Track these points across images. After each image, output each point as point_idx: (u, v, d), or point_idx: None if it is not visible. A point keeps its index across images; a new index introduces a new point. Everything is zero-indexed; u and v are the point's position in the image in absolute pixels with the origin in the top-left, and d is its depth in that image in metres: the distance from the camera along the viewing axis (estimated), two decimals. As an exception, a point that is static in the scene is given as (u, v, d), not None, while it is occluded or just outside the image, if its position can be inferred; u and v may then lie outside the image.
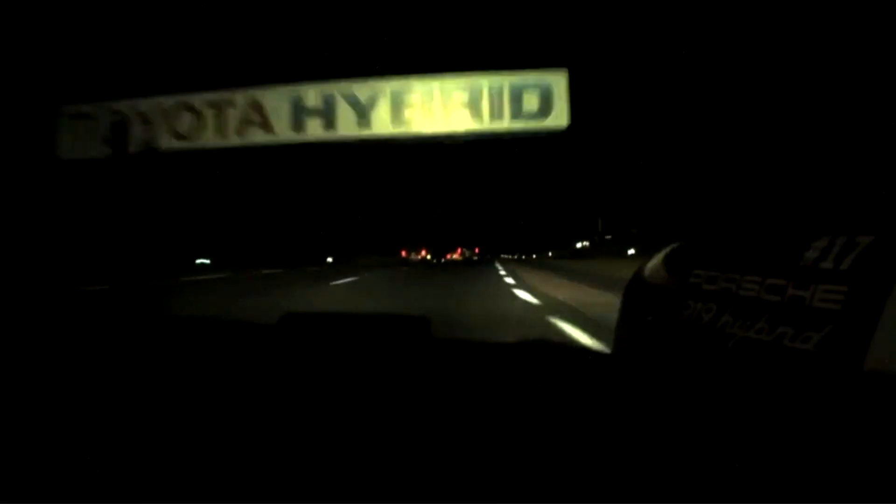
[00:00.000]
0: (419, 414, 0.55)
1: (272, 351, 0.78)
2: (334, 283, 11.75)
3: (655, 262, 1.10)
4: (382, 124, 4.43)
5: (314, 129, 4.49)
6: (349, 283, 11.72)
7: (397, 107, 4.45)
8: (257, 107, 4.56)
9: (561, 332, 3.97)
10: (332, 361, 0.71)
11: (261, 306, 6.46)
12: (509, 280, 11.12)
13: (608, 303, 3.63)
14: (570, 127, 4.23)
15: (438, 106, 4.42)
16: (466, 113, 4.39)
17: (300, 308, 6.21)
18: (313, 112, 4.51)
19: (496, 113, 4.35)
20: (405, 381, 0.64)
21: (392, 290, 9.66)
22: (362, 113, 4.44)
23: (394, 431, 0.52)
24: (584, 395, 0.61)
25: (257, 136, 4.57)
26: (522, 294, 7.48)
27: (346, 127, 4.45)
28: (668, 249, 1.11)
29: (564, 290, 8.04)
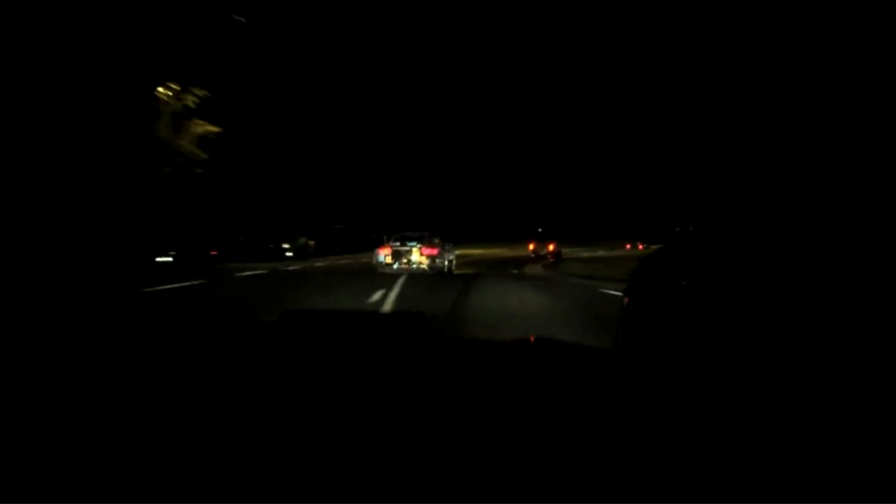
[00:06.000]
0: (421, 408, 0.56)
1: (273, 347, 0.77)
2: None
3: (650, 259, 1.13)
4: None
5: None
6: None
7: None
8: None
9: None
10: (333, 357, 0.71)
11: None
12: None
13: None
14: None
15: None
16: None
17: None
18: None
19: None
20: (407, 376, 0.64)
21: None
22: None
23: (395, 426, 0.52)
24: (584, 389, 0.61)
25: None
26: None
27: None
28: (656, 248, 1.17)
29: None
